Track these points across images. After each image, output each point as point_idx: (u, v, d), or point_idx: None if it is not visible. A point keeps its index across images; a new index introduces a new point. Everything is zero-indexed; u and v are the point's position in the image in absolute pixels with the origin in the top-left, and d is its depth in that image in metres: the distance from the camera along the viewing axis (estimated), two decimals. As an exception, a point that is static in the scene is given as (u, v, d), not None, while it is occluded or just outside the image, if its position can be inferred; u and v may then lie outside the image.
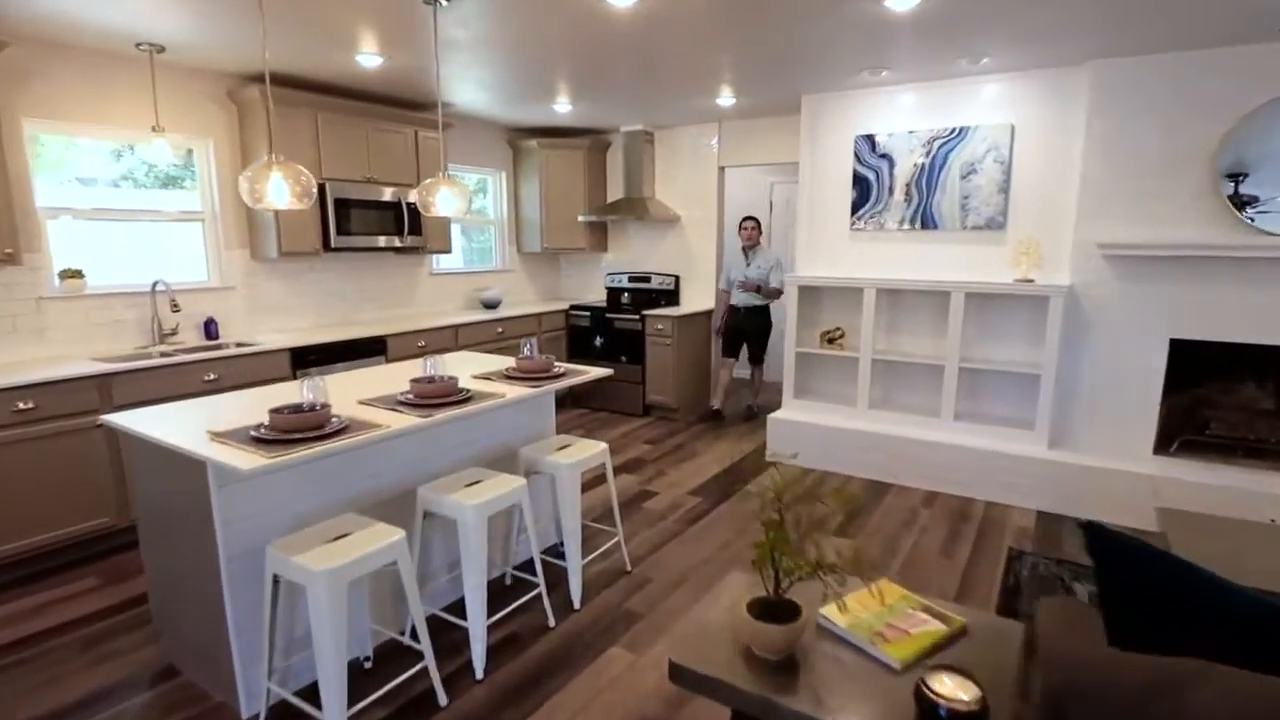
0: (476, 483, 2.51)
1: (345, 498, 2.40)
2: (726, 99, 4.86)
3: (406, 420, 2.28)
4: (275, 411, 2.10)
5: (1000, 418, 4.27)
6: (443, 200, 2.86)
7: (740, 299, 5.51)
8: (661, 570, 3.18)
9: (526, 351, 3.14)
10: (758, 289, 5.40)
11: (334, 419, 2.18)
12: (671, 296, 6.16)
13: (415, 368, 3.18)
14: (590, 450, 2.92)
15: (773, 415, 4.74)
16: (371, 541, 2.04)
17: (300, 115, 4.27)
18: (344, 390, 2.74)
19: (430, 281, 5.64)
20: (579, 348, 6.17)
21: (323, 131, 4.39)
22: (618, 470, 4.54)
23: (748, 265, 5.48)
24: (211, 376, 3.67)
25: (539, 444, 2.98)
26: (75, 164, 3.74)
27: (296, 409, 2.15)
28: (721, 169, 5.91)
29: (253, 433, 2.06)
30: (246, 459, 1.88)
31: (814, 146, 4.74)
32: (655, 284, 6.21)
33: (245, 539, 2.12)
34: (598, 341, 6.03)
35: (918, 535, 3.58)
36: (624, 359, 5.91)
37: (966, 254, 4.34)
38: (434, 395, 2.46)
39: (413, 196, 3.00)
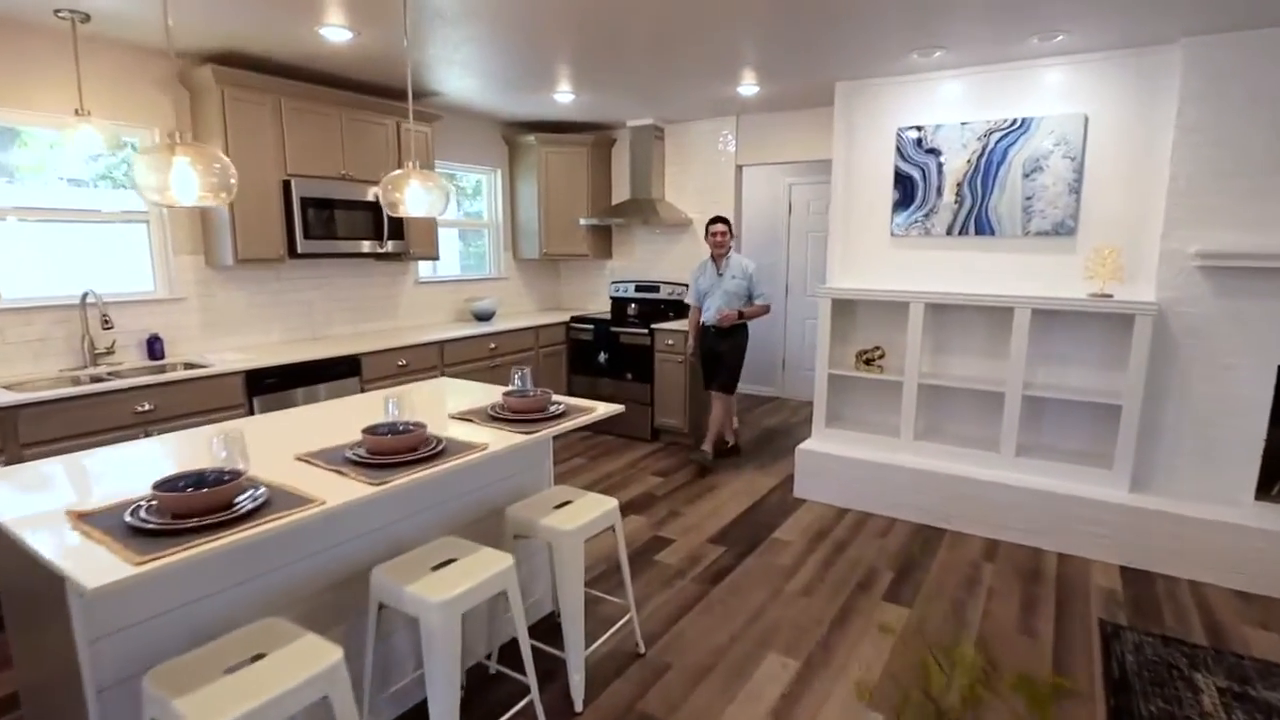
0: (449, 562, 1.93)
1: (268, 590, 1.81)
2: (748, 87, 4.29)
3: (352, 490, 1.70)
4: (164, 487, 1.52)
5: (1069, 453, 3.69)
6: (413, 197, 2.29)
7: (714, 318, 4.55)
8: (682, 652, 2.59)
9: (517, 382, 2.57)
10: (740, 314, 4.50)
11: (249, 492, 1.60)
12: (683, 308, 5.57)
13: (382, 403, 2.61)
14: (596, 510, 2.34)
15: (801, 447, 4.16)
16: (294, 669, 1.46)
17: (262, 102, 3.70)
18: (284, 438, 2.17)
19: (415, 291, 5.06)
20: (581, 364, 5.60)
21: (288, 121, 3.82)
22: (624, 509, 3.95)
23: (720, 276, 4.57)
24: (146, 407, 3.10)
25: (531, 501, 2.40)
26: (57, 164, 3.25)
27: (197, 480, 1.57)
28: (739, 168, 5.34)
29: (129, 517, 1.48)
30: (103, 564, 1.31)
31: (850, 141, 4.17)
32: (665, 294, 5.64)
33: (123, 660, 1.54)
34: (602, 358, 5.46)
35: (985, 600, 2.99)
36: (630, 376, 5.34)
37: (1028, 264, 3.76)
38: (392, 451, 1.89)
39: (374, 193, 2.41)
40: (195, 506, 1.46)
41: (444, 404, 2.64)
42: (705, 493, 4.25)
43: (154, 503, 1.50)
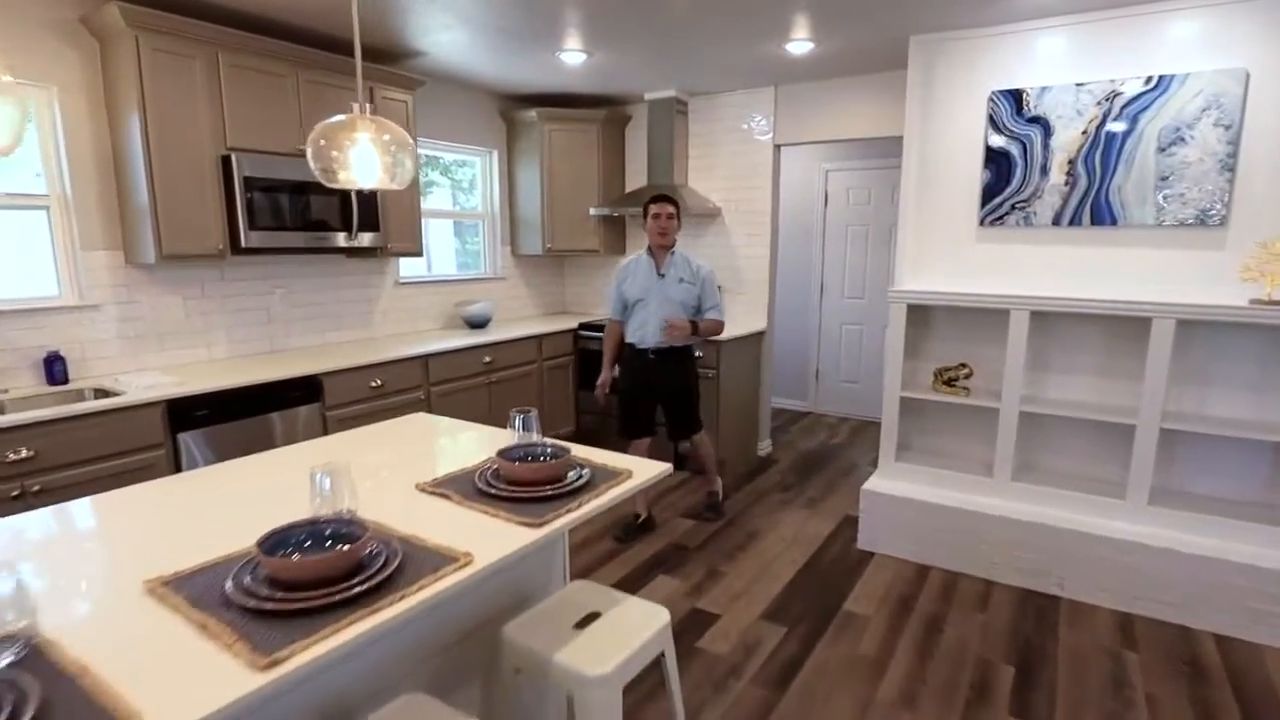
0: (408, 759, 1.16)
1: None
2: (800, 44, 3.51)
3: (219, 679, 0.93)
4: None
5: (1214, 502, 2.92)
6: (362, 160, 1.51)
7: (653, 338, 3.39)
8: (754, 815, 1.83)
9: (518, 428, 1.79)
10: (694, 327, 3.33)
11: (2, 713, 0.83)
12: (709, 312, 4.79)
13: (352, 443, 1.83)
14: (638, 633, 1.56)
15: (866, 487, 3.38)
16: None
17: (192, 54, 2.91)
18: (150, 533, 1.39)
19: (395, 294, 4.28)
20: (591, 379, 4.80)
21: (228, 81, 3.03)
22: (649, 566, 3.19)
23: (662, 278, 3.40)
24: (22, 454, 2.31)
25: (540, 614, 1.62)
26: None
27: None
28: (777, 148, 4.55)
29: None
30: None
31: (927, 109, 3.39)
32: (688, 296, 4.85)
33: None
34: (615, 372, 4.67)
35: (1148, 713, 2.22)
36: (649, 393, 4.55)
37: (1160, 261, 2.99)
38: (310, 586, 1.11)
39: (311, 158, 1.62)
40: None
41: (412, 464, 1.86)
42: (747, 542, 3.48)
43: None
